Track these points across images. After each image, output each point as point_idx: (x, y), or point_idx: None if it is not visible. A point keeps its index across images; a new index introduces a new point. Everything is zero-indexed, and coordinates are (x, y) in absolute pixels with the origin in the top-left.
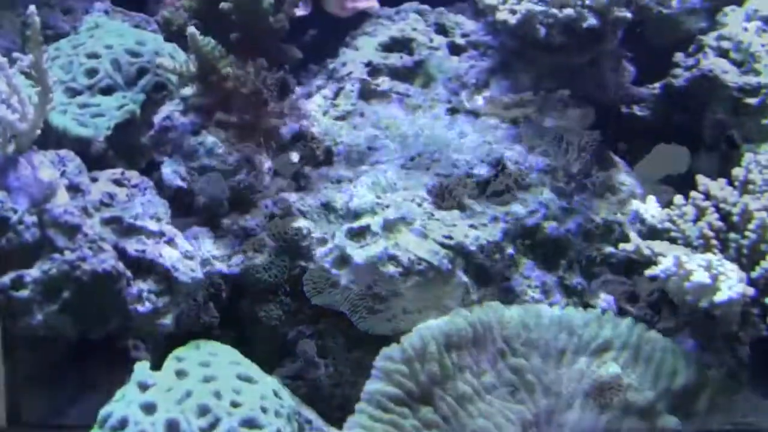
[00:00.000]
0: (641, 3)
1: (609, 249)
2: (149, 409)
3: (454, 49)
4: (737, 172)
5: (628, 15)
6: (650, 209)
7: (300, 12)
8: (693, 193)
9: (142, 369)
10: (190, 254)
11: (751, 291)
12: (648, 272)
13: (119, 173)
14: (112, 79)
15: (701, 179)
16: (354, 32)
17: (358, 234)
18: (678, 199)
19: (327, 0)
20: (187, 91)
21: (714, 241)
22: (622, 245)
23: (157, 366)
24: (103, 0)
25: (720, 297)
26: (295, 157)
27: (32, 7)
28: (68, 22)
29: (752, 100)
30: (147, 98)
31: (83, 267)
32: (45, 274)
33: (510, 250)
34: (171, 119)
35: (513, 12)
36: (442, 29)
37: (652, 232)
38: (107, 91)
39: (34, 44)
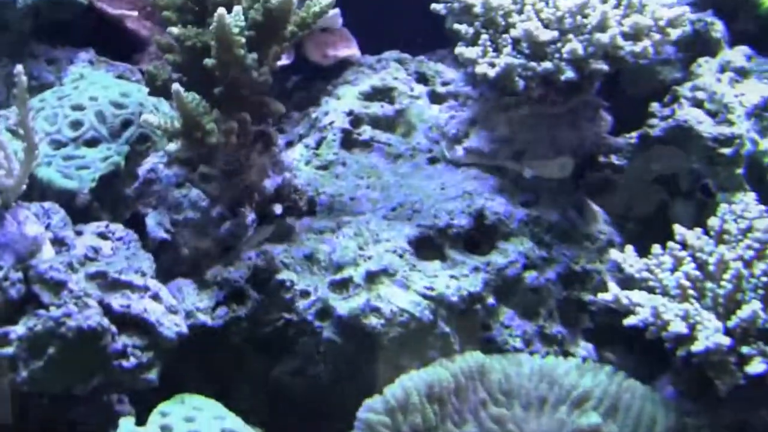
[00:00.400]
0: (617, 55)
1: (589, 297)
2: None
3: (435, 98)
4: (713, 222)
5: (605, 67)
6: (628, 258)
7: (283, 61)
8: (670, 243)
9: (126, 424)
10: (175, 308)
11: (727, 341)
12: (627, 322)
13: (104, 226)
14: (97, 131)
15: (678, 229)
16: (336, 80)
17: (341, 286)
18: (656, 248)
19: (309, 49)
20: (172, 147)
21: (691, 291)
22: (600, 295)
23: (141, 420)
24: (87, 50)
25: (697, 347)
26: (278, 209)
27: (19, 67)
28: (53, 73)
29: (726, 150)
30: (131, 150)
31: (68, 323)
32: (30, 331)
33: (491, 300)
34: (155, 171)
35: (492, 65)
36: (422, 78)
37: (630, 281)
38: (92, 143)
39: (21, 102)
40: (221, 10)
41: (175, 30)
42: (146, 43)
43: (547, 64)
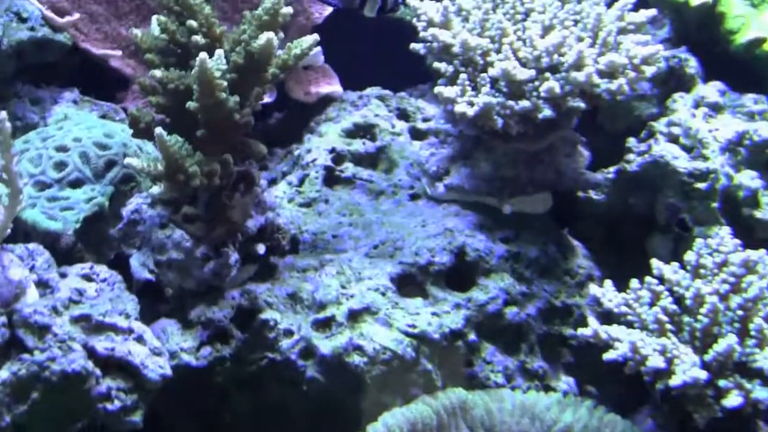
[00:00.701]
0: (594, 92)
1: (569, 331)
2: None
3: (416, 134)
4: (689, 257)
5: (582, 105)
6: (607, 293)
7: (265, 99)
8: (648, 278)
9: None
10: (159, 350)
11: (704, 375)
12: (606, 357)
13: (88, 268)
14: (81, 172)
15: (655, 263)
16: (318, 117)
17: (324, 324)
18: (634, 283)
19: (291, 86)
20: (156, 190)
21: (668, 325)
22: (580, 330)
23: None
24: (71, 89)
25: (675, 381)
26: (261, 248)
27: (3, 113)
28: (37, 113)
29: (701, 185)
30: (116, 190)
31: (53, 367)
32: (14, 376)
33: (472, 337)
34: (139, 212)
35: (471, 104)
36: (403, 114)
37: (610, 315)
38: (76, 184)
39: (5, 148)
40: (203, 54)
41: (158, 73)
42: (130, 81)
43: (525, 103)
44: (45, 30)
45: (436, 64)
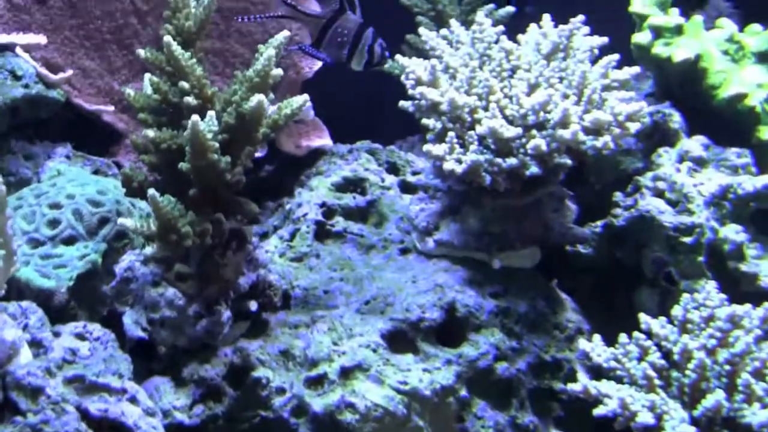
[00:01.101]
0: (580, 149)
1: (559, 386)
2: None
3: (406, 188)
4: (676, 311)
5: (568, 162)
6: (596, 348)
7: (257, 154)
8: (636, 333)
9: None
10: (152, 411)
11: (693, 431)
12: (596, 412)
13: (81, 327)
14: (74, 229)
15: (643, 317)
16: (309, 170)
17: (316, 382)
18: (622, 337)
19: (282, 139)
20: (149, 250)
21: (657, 381)
22: (570, 385)
23: None
24: (64, 145)
25: None
26: (253, 306)
27: None
28: (31, 169)
29: (687, 239)
30: (108, 247)
31: (46, 430)
32: None
33: (463, 392)
34: (132, 270)
35: (459, 162)
36: (393, 168)
37: (599, 370)
38: (69, 241)
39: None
40: (195, 117)
41: (150, 133)
42: (123, 136)
43: (512, 160)
44: (39, 87)
45: (424, 121)
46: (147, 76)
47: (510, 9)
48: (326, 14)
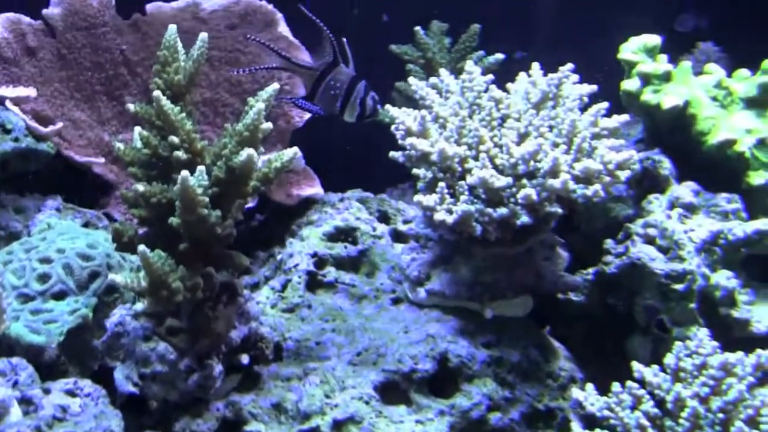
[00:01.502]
0: (570, 197)
1: None
2: None
3: (397, 237)
4: (669, 359)
5: (559, 210)
6: (589, 397)
7: (247, 205)
8: (629, 382)
9: None
10: None
11: None
12: None
13: (72, 383)
14: (65, 284)
15: (636, 366)
16: (300, 220)
17: None
18: (615, 386)
19: (272, 189)
20: (139, 306)
21: (651, 430)
22: None
23: None
24: (54, 197)
25: None
26: (245, 359)
27: None
28: (21, 222)
29: (679, 286)
30: (99, 301)
31: None
32: None
33: None
34: (123, 325)
35: (450, 212)
36: (384, 216)
37: (592, 419)
38: (59, 296)
39: None
40: (185, 173)
41: (140, 187)
42: (113, 187)
43: (502, 210)
44: (29, 140)
45: (415, 171)
46: (137, 129)
47: (499, 56)
48: (320, 66)
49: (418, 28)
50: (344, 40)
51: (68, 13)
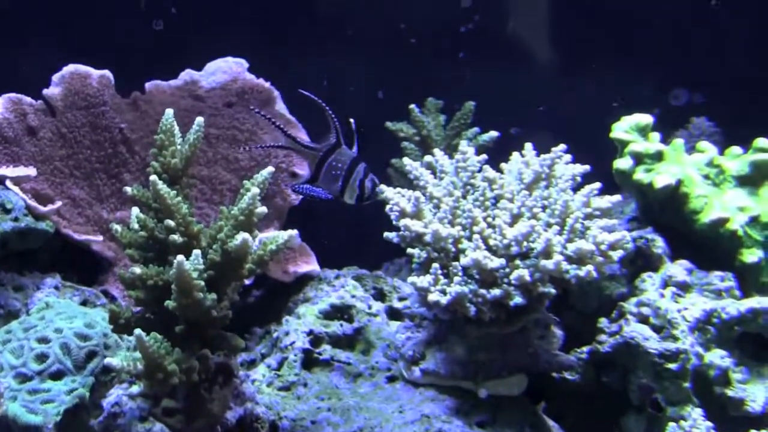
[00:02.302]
0: (563, 278)
1: None
2: None
3: (392, 314)
4: None
5: (552, 291)
6: None
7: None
8: None
9: None
10: None
11: None
12: None
13: None
14: (62, 363)
15: None
16: (296, 297)
17: None
18: None
19: (269, 266)
20: (135, 389)
21: None
22: None
23: None
24: (53, 275)
25: None
26: None
27: None
28: (20, 300)
29: (672, 366)
30: (96, 381)
31: None
32: None
33: None
34: (119, 405)
35: (444, 293)
36: (380, 294)
37: None
38: (57, 375)
39: None
40: (180, 257)
41: (137, 270)
42: (112, 264)
43: (496, 291)
44: (28, 219)
45: (409, 250)
46: (134, 210)
47: (494, 134)
48: (323, 147)
49: (413, 106)
50: (351, 120)
51: (68, 93)
